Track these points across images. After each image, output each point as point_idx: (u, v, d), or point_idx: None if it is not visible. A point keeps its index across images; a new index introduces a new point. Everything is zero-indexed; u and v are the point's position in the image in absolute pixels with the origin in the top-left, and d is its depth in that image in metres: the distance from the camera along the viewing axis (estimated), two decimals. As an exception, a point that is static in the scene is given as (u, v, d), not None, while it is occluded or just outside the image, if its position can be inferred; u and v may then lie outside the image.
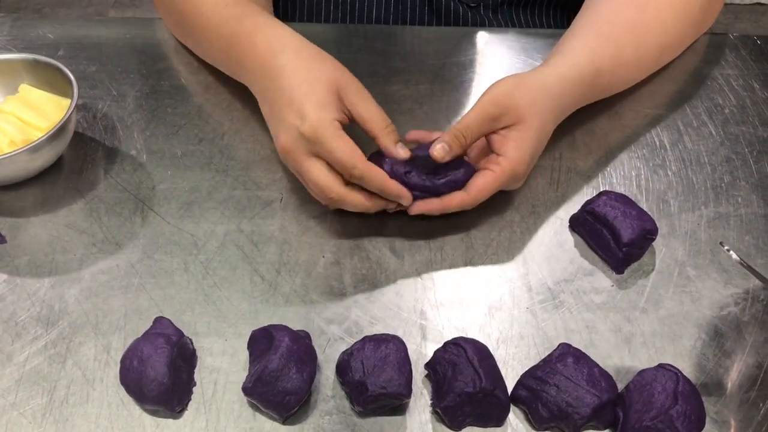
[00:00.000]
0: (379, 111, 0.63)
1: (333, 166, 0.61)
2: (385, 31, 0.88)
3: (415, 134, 0.68)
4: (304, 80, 0.63)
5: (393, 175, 0.62)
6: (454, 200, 0.63)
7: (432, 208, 0.63)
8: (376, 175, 0.61)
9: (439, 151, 0.61)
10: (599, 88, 0.72)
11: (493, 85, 0.65)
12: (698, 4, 0.77)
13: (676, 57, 0.82)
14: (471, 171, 0.64)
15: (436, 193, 0.63)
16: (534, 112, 0.64)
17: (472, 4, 0.89)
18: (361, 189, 0.62)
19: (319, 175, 0.61)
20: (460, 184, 0.63)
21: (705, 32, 0.85)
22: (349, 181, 0.61)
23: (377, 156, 0.64)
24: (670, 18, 0.75)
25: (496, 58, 0.84)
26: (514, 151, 0.63)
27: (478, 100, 0.64)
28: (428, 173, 0.63)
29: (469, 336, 0.58)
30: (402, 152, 0.62)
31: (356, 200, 0.62)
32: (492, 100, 0.63)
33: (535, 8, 0.92)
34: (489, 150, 0.65)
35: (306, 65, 0.64)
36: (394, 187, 0.61)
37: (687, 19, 0.77)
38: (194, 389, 0.56)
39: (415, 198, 0.63)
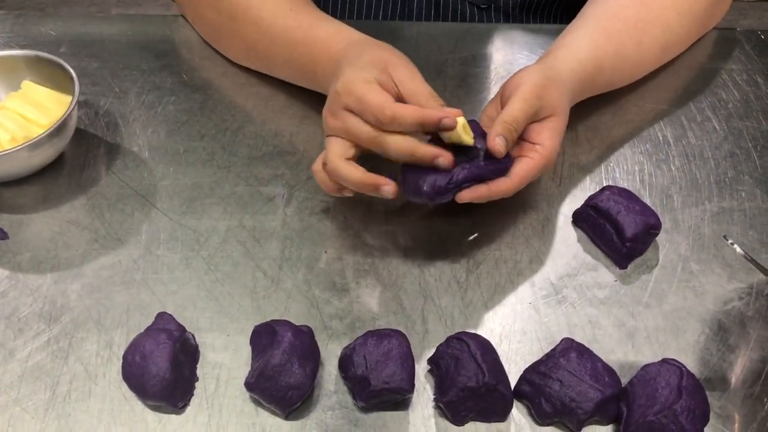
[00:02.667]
0: (425, 86, 0.62)
1: (364, 118, 0.59)
2: (387, 27, 0.88)
3: None
4: (353, 59, 0.63)
5: (437, 184, 0.59)
6: (501, 187, 0.61)
7: (480, 194, 0.60)
8: (408, 109, 0.58)
9: (499, 145, 0.59)
10: (599, 84, 0.72)
11: (524, 76, 0.64)
12: (704, 4, 0.76)
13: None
14: (512, 159, 0.62)
15: (483, 180, 0.61)
16: (563, 104, 0.64)
17: (483, 6, 0.89)
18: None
19: (353, 124, 0.60)
20: (502, 171, 0.61)
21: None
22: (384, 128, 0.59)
23: (411, 168, 0.61)
24: (674, 16, 0.75)
25: (499, 54, 0.84)
26: (550, 140, 0.62)
27: (519, 92, 0.62)
28: (470, 162, 0.61)
29: (472, 331, 0.58)
30: (448, 121, 0.58)
31: (396, 140, 0.59)
32: (535, 93, 0.62)
33: (545, 12, 0.92)
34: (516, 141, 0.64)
35: (361, 50, 0.65)
36: (434, 112, 0.58)
37: (691, 18, 0.77)
38: (196, 385, 0.56)
39: (463, 189, 0.60)
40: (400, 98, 0.61)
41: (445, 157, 0.58)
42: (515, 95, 0.62)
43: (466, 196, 0.60)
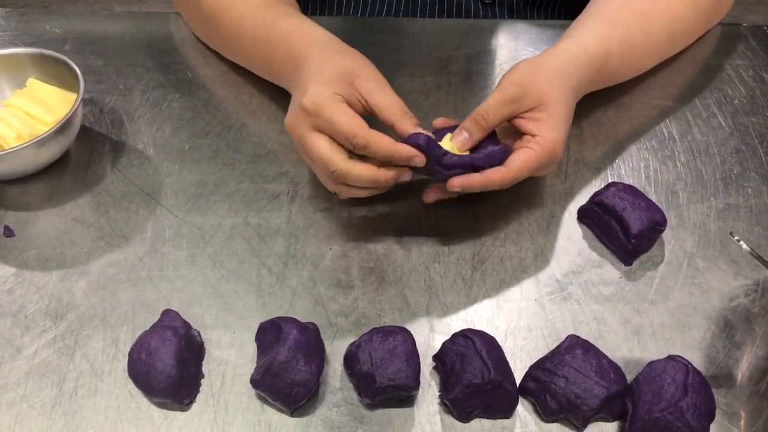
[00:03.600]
0: (395, 99, 0.62)
1: (336, 140, 0.59)
2: (391, 24, 0.88)
3: (440, 122, 0.66)
4: (318, 67, 0.63)
5: (429, 157, 0.60)
6: (495, 176, 0.60)
7: (472, 183, 0.59)
8: (382, 140, 0.58)
9: (460, 141, 0.60)
10: (607, 73, 0.72)
11: (509, 70, 0.64)
12: None
13: (686, 47, 0.81)
14: (508, 150, 0.62)
15: (474, 169, 0.60)
16: (555, 92, 0.63)
17: (487, 1, 0.89)
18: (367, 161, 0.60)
19: (321, 148, 0.59)
20: (497, 160, 0.61)
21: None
22: (354, 152, 0.59)
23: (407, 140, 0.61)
24: (681, 7, 0.75)
25: (503, 49, 0.84)
26: (549, 131, 0.61)
27: (498, 83, 0.63)
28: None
29: (477, 328, 0.58)
30: (419, 160, 0.60)
31: (362, 171, 0.59)
32: (511, 80, 0.62)
33: (549, 7, 0.92)
34: (519, 136, 0.64)
35: (326, 57, 0.64)
36: (404, 149, 0.58)
37: (698, 10, 0.77)
38: (202, 382, 0.56)
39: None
40: (368, 111, 0.62)
41: (420, 158, 0.59)
42: (495, 88, 0.63)
43: (456, 182, 0.59)
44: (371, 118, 0.62)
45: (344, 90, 0.61)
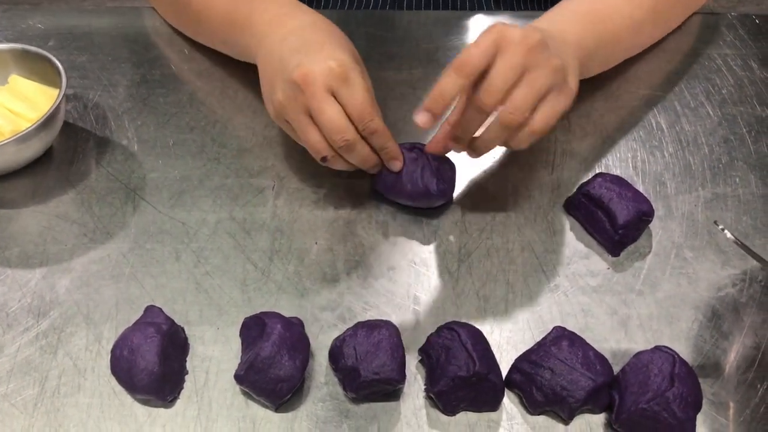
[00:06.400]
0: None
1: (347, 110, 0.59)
2: (378, 16, 0.88)
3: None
4: (329, 38, 0.63)
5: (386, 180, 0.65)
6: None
7: (448, 133, 0.63)
8: (386, 132, 0.61)
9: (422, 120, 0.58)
10: (602, 17, 0.70)
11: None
12: None
13: (672, 34, 0.81)
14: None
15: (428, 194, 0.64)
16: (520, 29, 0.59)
17: None
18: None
19: (337, 113, 0.59)
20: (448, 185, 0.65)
21: (701, 11, 0.84)
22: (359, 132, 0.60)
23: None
24: None
25: (490, 41, 0.83)
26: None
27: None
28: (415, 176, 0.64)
29: (463, 321, 0.58)
30: (397, 165, 0.63)
31: (366, 152, 0.61)
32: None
33: None
34: None
35: (325, 29, 0.65)
36: (395, 150, 0.62)
37: None
38: (186, 378, 0.56)
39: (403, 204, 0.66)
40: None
41: (399, 164, 0.63)
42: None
43: (435, 148, 0.63)
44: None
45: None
